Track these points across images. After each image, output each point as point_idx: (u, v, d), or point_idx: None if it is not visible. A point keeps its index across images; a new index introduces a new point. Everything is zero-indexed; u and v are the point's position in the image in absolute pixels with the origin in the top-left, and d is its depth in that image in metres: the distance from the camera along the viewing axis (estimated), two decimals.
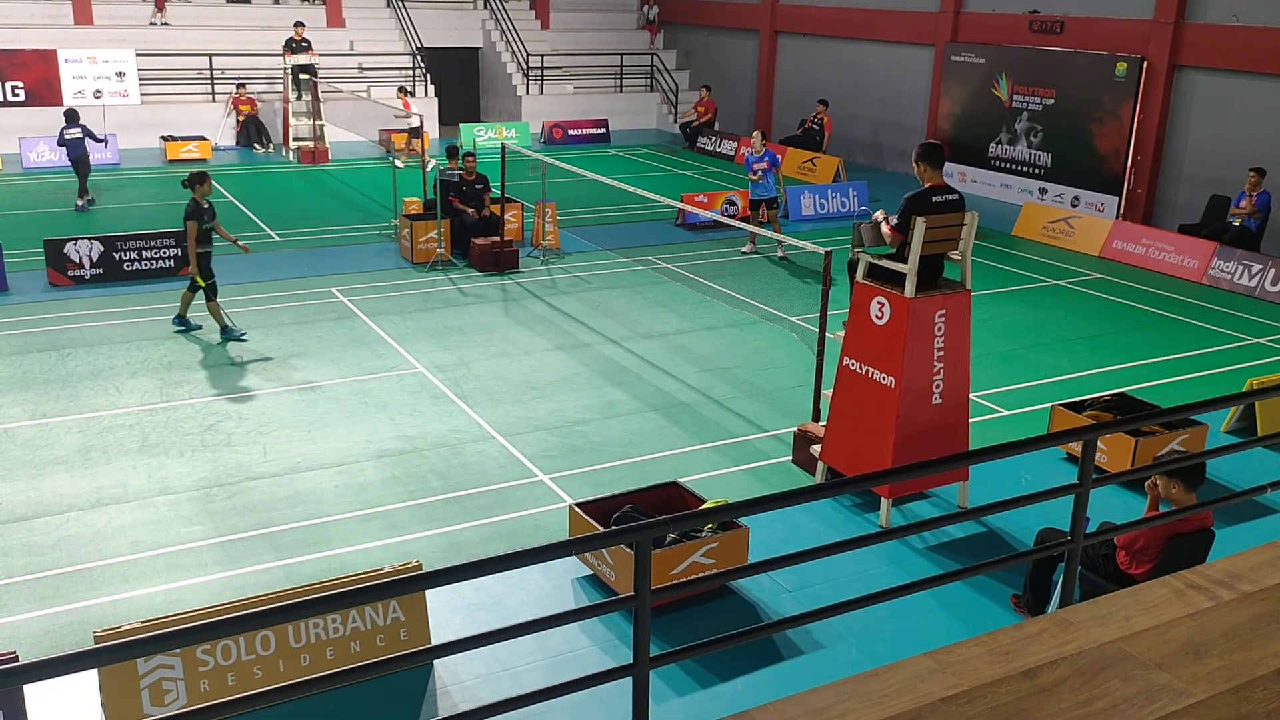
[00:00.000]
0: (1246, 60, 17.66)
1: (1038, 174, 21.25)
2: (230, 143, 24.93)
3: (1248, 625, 3.66)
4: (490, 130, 26.32)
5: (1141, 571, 6.44)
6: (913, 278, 7.95)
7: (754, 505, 4.10)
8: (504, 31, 29.00)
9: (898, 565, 7.77)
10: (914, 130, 23.90)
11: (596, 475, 9.14)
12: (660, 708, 6.07)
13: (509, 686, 6.27)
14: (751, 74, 28.69)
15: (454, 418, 10.24)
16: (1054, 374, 11.89)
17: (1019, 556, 4.77)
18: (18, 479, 8.81)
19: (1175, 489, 6.42)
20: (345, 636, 6.33)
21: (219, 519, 8.28)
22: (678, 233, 18.11)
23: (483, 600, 7.19)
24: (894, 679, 3.30)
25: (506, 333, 12.74)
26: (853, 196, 20.27)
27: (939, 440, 8.30)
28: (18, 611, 7.03)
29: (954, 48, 22.54)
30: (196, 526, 8.16)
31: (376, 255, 16.05)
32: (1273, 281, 15.23)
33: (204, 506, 8.46)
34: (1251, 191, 16.24)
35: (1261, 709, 3.20)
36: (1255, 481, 6.61)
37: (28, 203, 18.96)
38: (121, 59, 24.07)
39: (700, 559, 7.11)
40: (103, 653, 2.88)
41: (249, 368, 11.35)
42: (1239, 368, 12.23)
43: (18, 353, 11.65)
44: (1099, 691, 3.25)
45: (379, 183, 20.53)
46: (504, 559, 3.33)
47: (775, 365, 11.89)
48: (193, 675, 5.94)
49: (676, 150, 26.83)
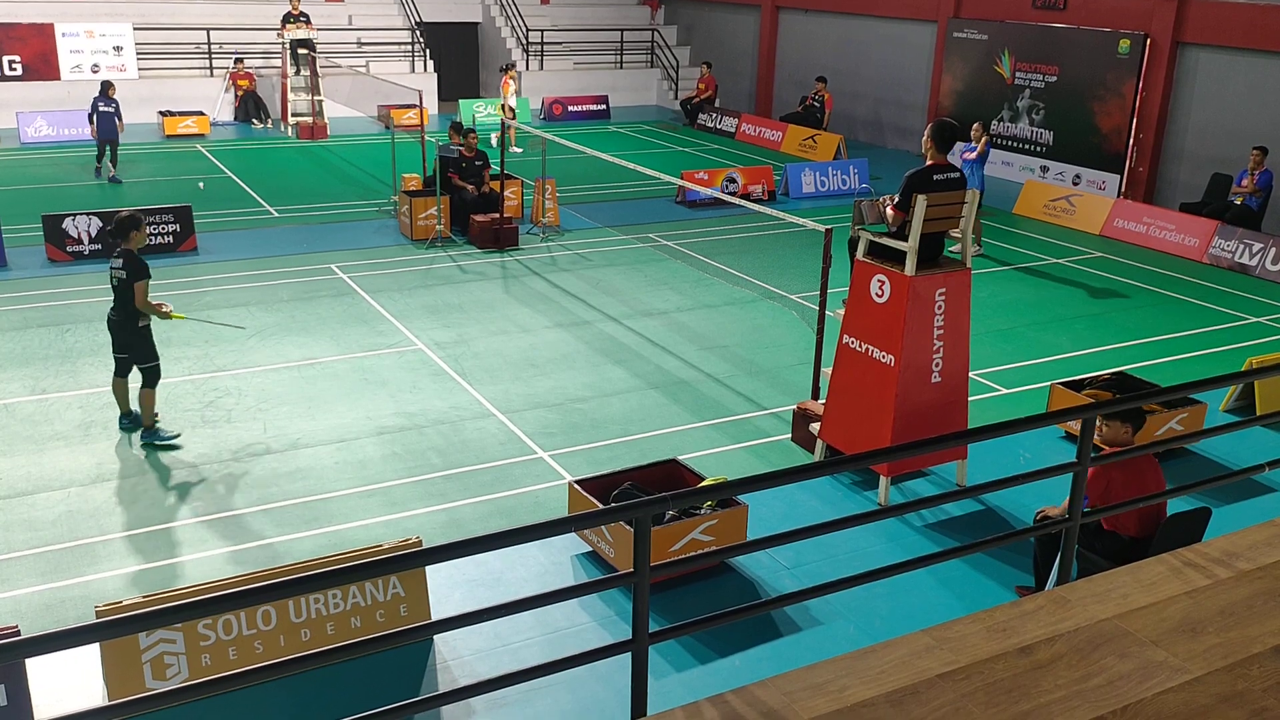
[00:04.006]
0: (1250, 38, 17.56)
1: (1039, 152, 21.18)
2: (229, 118, 24.83)
3: (1244, 603, 3.68)
4: (490, 106, 26.20)
5: (1131, 533, 6.50)
6: (913, 256, 7.94)
7: (753, 483, 4.11)
8: (504, 6, 28.82)
9: (896, 543, 7.80)
10: (915, 108, 23.80)
11: (596, 452, 9.15)
12: (659, 683, 6.11)
13: (509, 662, 6.31)
14: (752, 50, 28.54)
15: (454, 395, 10.25)
16: (1053, 352, 11.89)
17: (1017, 534, 4.79)
18: (18, 454, 8.83)
19: (1125, 432, 6.63)
20: (346, 612, 6.36)
21: (218, 495, 8.30)
22: (678, 210, 18.07)
23: (482, 576, 7.22)
24: (892, 655, 3.32)
25: (506, 310, 12.73)
26: (853, 174, 20.21)
27: (938, 418, 8.31)
28: (19, 586, 7.06)
29: (956, 24, 22.41)
30: (196, 502, 8.18)
31: (376, 232, 16.01)
32: (1273, 260, 15.20)
33: (203, 482, 8.48)
34: (1254, 170, 16.19)
35: (1258, 686, 3.21)
36: (1253, 460, 6.61)
37: (26, 178, 18.90)
38: (119, 33, 23.94)
39: (699, 536, 7.13)
40: (104, 627, 2.89)
41: (248, 344, 11.35)
42: (1239, 346, 12.23)
43: (17, 328, 11.64)
44: (1095, 668, 3.27)
45: (378, 159, 20.46)
46: (504, 535, 3.34)
47: (775, 343, 11.89)
48: (194, 649, 5.97)
49: (677, 127, 26.73)
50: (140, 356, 9.00)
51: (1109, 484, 6.40)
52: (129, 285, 8.77)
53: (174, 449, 8.95)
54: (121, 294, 8.84)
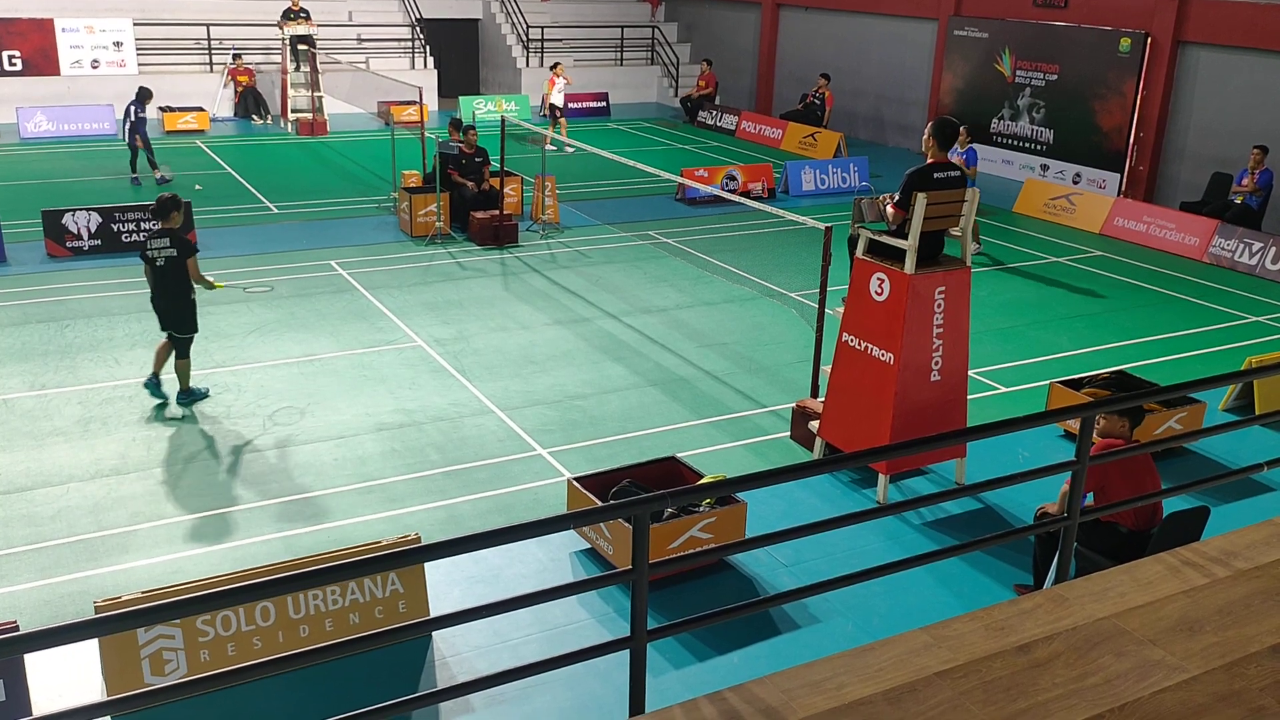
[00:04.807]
0: (1251, 37, 17.55)
1: (1040, 150, 21.17)
2: (228, 114, 24.81)
3: (1242, 602, 3.68)
4: (490, 103, 26.18)
5: (1129, 525, 6.51)
6: (913, 254, 7.94)
7: (752, 480, 4.11)
8: (504, 3, 28.80)
9: (894, 541, 7.80)
10: (916, 105, 23.79)
11: (595, 450, 9.16)
12: (657, 680, 6.11)
13: (507, 658, 6.31)
14: (753, 47, 28.52)
15: (453, 391, 10.25)
16: (1053, 351, 11.89)
17: (1015, 533, 4.79)
18: (18, 450, 8.83)
19: (1122, 426, 6.64)
20: (344, 608, 6.36)
21: (219, 490, 8.30)
22: (677, 207, 18.06)
23: (481, 573, 7.22)
24: (890, 653, 3.32)
25: (505, 307, 12.73)
26: (853, 172, 20.20)
27: (937, 417, 8.31)
28: (18, 581, 7.06)
29: (957, 22, 22.40)
30: (196, 498, 8.18)
31: (375, 228, 16.01)
32: (1273, 260, 15.20)
33: (203, 478, 8.48)
34: (1254, 169, 16.18)
35: (1255, 685, 3.22)
36: (1252, 460, 6.61)
37: (26, 173, 18.89)
38: (119, 28, 23.93)
39: (698, 533, 7.13)
40: (103, 623, 2.89)
41: (248, 340, 11.34)
42: (1238, 346, 12.23)
43: (16, 324, 11.63)
44: (1093, 667, 3.27)
45: (378, 155, 20.45)
46: (502, 532, 3.34)
47: (774, 341, 11.89)
48: (193, 645, 5.97)
49: (677, 124, 26.72)
50: (187, 327, 9.65)
51: (1105, 473, 6.42)
52: (181, 262, 9.39)
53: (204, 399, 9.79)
54: (168, 271, 9.40)
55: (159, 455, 8.82)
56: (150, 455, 8.81)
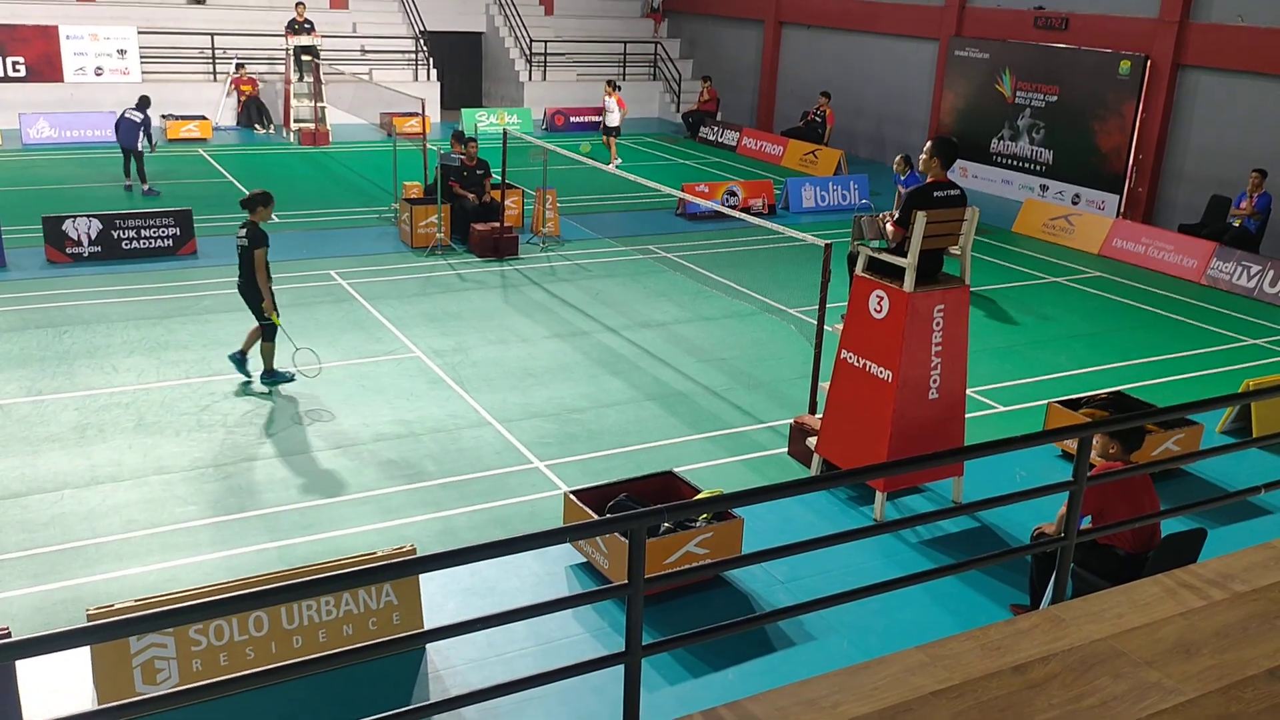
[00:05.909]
0: (1250, 61, 17.63)
1: (1039, 170, 21.23)
2: (231, 123, 24.86)
3: (1239, 625, 3.67)
4: (492, 115, 26.25)
5: (1126, 548, 6.50)
6: (912, 272, 7.95)
7: (749, 496, 4.11)
8: (508, 16, 28.91)
9: (891, 559, 7.79)
10: (916, 124, 23.86)
11: (592, 463, 9.14)
12: (652, 696, 6.09)
13: (501, 672, 6.29)
14: (755, 65, 28.62)
15: (451, 403, 10.24)
16: (1051, 371, 11.89)
17: (1012, 552, 4.79)
18: (13, 456, 8.81)
19: (1114, 448, 6.61)
20: (338, 619, 6.34)
21: (214, 499, 8.28)
22: (678, 222, 18.09)
23: (476, 585, 7.20)
24: (886, 671, 3.31)
25: (505, 319, 12.73)
26: (853, 189, 20.25)
27: (935, 435, 8.31)
28: (11, 588, 7.03)
29: (958, 42, 22.50)
30: (191, 506, 8.16)
31: (376, 239, 16.02)
32: (1271, 283, 15.23)
33: (199, 486, 8.46)
34: (1253, 192, 16.23)
35: (1251, 709, 3.21)
36: (1249, 482, 6.60)
37: (27, 179, 18.90)
38: (123, 36, 23.99)
39: (694, 549, 7.12)
40: (95, 630, 2.88)
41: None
42: (1236, 368, 12.24)
43: (15, 329, 11.63)
44: (1089, 688, 3.26)
45: (379, 166, 20.48)
46: (498, 545, 3.33)
47: (773, 357, 11.89)
48: (185, 654, 5.95)
49: (678, 139, 26.79)
50: (260, 315, 10.34)
51: (1104, 495, 6.41)
52: (249, 252, 10.22)
53: (289, 383, 10.41)
54: (243, 260, 10.32)
55: (154, 463, 8.80)
56: (146, 463, 8.79)
